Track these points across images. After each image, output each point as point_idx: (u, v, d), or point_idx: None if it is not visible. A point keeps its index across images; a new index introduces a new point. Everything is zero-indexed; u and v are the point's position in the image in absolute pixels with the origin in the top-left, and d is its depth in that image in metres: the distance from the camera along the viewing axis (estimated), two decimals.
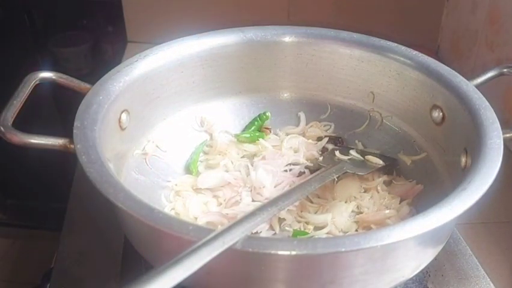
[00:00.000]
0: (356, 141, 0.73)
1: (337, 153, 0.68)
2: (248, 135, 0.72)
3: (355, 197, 0.65)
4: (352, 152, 0.69)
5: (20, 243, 1.43)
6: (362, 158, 0.68)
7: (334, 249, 0.42)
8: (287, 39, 0.72)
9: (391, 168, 0.69)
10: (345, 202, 0.64)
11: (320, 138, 0.74)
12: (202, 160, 0.70)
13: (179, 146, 0.70)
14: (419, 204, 0.63)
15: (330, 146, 0.72)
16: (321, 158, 0.70)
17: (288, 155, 0.70)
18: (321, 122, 0.75)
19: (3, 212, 1.43)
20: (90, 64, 1.08)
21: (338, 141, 0.73)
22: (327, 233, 0.61)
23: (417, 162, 0.67)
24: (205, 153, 0.71)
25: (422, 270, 0.52)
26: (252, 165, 0.68)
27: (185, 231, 0.42)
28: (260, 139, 0.72)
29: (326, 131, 0.75)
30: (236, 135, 0.72)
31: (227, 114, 0.74)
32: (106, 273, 0.61)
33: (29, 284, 0.99)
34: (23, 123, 0.54)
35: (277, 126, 0.76)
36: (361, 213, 0.63)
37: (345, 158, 0.68)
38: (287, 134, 0.74)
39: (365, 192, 0.66)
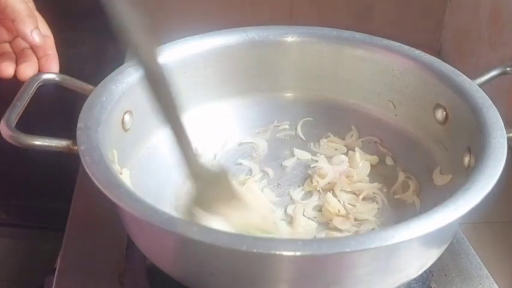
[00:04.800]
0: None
1: None
2: None
3: None
4: None
5: (23, 243, 1.42)
6: None
7: (339, 249, 0.42)
8: (289, 39, 0.72)
9: None
10: None
11: None
12: None
13: None
14: (422, 204, 0.63)
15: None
16: None
17: None
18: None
19: (6, 212, 1.43)
20: (92, 65, 1.08)
21: None
22: None
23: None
24: None
25: (426, 270, 0.52)
26: None
27: (189, 232, 0.42)
28: None
29: None
30: None
31: (229, 115, 0.74)
32: (109, 273, 0.61)
33: (33, 284, 0.99)
34: (27, 124, 0.54)
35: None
36: None
37: None
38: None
39: None
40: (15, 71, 0.60)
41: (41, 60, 0.62)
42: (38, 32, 0.58)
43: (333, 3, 1.03)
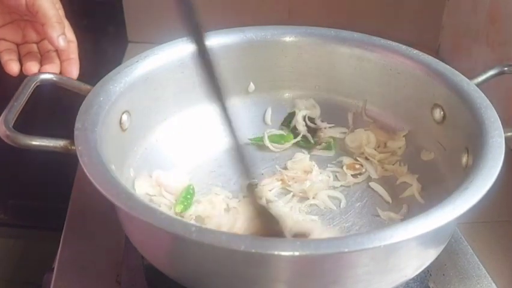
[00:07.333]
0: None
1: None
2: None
3: None
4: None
5: (22, 243, 1.43)
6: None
7: (337, 249, 0.42)
8: (287, 39, 0.72)
9: None
10: None
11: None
12: None
13: (179, 146, 0.70)
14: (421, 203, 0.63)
15: None
16: None
17: None
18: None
19: (4, 212, 1.43)
20: (90, 65, 1.08)
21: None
22: None
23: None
24: None
25: (424, 269, 0.52)
26: None
27: (187, 232, 0.42)
28: None
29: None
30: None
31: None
32: (107, 273, 0.61)
33: (30, 283, 1.00)
34: (24, 125, 0.54)
35: (278, 126, 0.76)
36: None
37: None
38: None
39: None
40: (39, 71, 0.64)
41: (64, 64, 0.66)
42: (64, 37, 0.63)
43: (331, 3, 1.03)
